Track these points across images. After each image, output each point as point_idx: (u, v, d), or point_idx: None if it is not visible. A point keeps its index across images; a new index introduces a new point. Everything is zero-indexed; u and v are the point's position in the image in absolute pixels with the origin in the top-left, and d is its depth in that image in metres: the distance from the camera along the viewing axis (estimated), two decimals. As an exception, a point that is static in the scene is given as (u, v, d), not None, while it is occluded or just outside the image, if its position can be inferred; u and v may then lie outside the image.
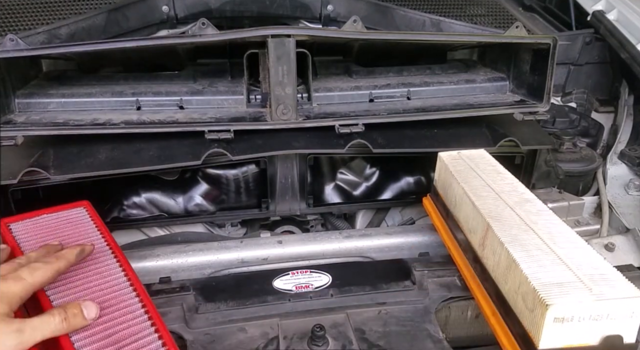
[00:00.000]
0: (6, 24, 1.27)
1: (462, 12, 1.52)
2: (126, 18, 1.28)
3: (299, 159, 1.00)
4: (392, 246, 0.94)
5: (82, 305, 0.60)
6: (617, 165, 1.16)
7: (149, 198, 1.04)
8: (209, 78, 1.03)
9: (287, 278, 0.82)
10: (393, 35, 1.05)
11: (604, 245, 0.94)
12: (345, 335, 0.70)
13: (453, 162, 0.87)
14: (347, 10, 1.39)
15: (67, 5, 1.35)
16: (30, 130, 0.88)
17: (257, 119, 0.95)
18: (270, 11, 1.37)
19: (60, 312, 0.58)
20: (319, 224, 1.17)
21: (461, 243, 0.80)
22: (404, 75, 1.09)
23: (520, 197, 0.76)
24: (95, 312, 0.61)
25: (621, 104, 1.33)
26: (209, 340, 0.70)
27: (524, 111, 0.99)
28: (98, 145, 0.92)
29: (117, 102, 0.97)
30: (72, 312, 0.59)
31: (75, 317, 0.59)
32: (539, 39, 0.98)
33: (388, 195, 1.12)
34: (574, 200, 1.03)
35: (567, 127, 1.23)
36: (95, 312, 0.61)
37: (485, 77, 1.10)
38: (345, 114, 0.97)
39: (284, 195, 1.03)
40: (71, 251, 0.66)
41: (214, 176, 1.04)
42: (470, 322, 0.80)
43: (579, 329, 0.56)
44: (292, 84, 0.91)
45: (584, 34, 1.35)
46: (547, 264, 0.61)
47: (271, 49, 0.88)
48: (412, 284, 0.79)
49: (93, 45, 0.89)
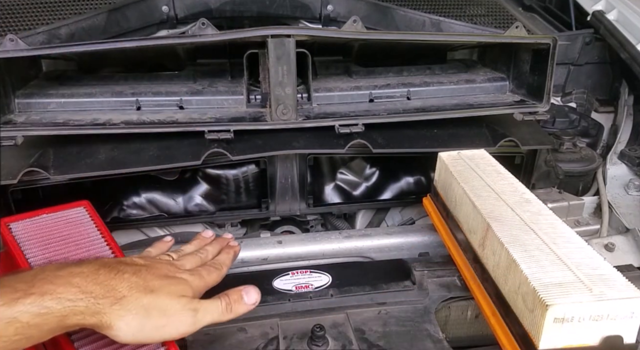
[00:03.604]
0: (6, 24, 1.27)
1: (462, 12, 1.52)
2: (126, 18, 1.28)
3: (299, 159, 1.00)
4: (392, 246, 0.94)
5: (242, 291, 0.64)
6: (617, 165, 1.16)
7: (149, 198, 1.04)
8: (209, 78, 1.03)
9: (287, 278, 0.82)
10: (393, 35, 1.05)
11: (604, 245, 0.94)
12: (345, 335, 0.70)
13: (453, 162, 0.87)
14: (347, 10, 1.39)
15: (67, 5, 1.35)
16: (30, 130, 0.88)
17: (257, 119, 0.95)
18: (270, 11, 1.37)
19: (225, 298, 0.63)
20: (318, 224, 1.17)
21: (461, 243, 0.80)
22: (404, 75, 1.09)
23: (520, 198, 0.76)
24: (256, 297, 0.65)
25: (621, 104, 1.33)
26: (209, 340, 0.70)
27: (523, 111, 0.99)
28: (98, 145, 0.92)
29: (117, 102, 0.97)
30: (234, 298, 0.63)
31: (237, 303, 0.63)
32: (539, 39, 0.98)
33: (388, 195, 1.12)
34: (574, 200, 1.03)
35: (567, 127, 1.23)
36: (256, 298, 0.65)
37: (485, 77, 1.10)
38: (345, 114, 0.97)
39: (284, 195, 1.03)
40: (229, 257, 0.74)
41: (213, 176, 1.04)
42: (470, 322, 0.80)
43: (579, 330, 0.56)
44: (292, 84, 0.91)
45: (583, 34, 1.35)
46: (547, 264, 0.61)
47: (271, 49, 0.88)
48: (412, 284, 0.79)
49: (93, 45, 0.89)
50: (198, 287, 0.64)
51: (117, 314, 0.53)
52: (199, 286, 0.64)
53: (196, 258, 0.70)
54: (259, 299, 0.66)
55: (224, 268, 0.71)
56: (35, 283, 0.51)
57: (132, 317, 0.54)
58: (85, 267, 0.55)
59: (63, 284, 0.52)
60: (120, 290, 0.55)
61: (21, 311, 0.48)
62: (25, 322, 0.48)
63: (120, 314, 0.54)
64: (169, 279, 0.61)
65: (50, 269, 0.54)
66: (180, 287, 0.61)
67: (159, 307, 0.57)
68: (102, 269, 0.56)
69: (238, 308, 0.63)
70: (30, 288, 0.50)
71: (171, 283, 0.61)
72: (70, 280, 0.53)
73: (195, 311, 0.59)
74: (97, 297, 0.53)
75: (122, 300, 0.54)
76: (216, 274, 0.68)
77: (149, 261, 0.64)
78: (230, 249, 0.76)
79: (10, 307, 0.48)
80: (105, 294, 0.54)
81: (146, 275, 0.59)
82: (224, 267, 0.71)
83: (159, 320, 0.56)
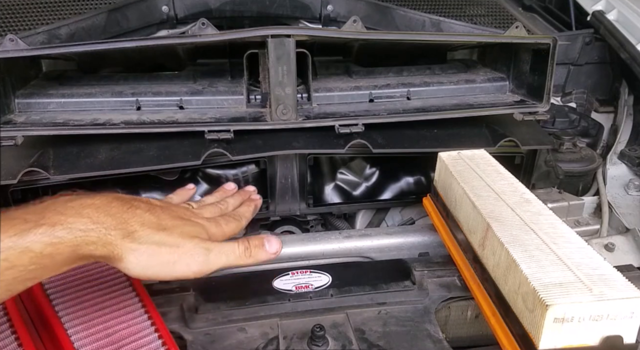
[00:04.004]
0: (6, 24, 1.27)
1: (462, 12, 1.52)
2: (126, 18, 1.28)
3: (299, 159, 1.00)
4: (392, 246, 0.93)
5: (265, 239, 0.64)
6: (617, 165, 1.16)
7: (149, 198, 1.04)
8: (208, 78, 1.03)
9: (287, 278, 0.82)
10: (393, 35, 1.05)
11: (603, 245, 0.94)
12: (345, 335, 0.70)
13: (453, 162, 0.87)
14: (347, 10, 1.39)
15: (67, 5, 1.35)
16: (30, 130, 0.88)
17: (257, 119, 0.95)
18: (270, 11, 1.37)
19: (244, 242, 0.62)
20: (318, 224, 1.17)
21: (461, 243, 0.80)
22: (404, 76, 1.09)
23: (520, 198, 0.76)
24: (277, 247, 0.64)
25: (621, 104, 1.33)
26: (209, 340, 0.70)
27: (523, 111, 0.99)
28: (98, 145, 0.92)
29: (117, 102, 0.97)
30: (254, 243, 0.62)
31: (257, 248, 0.62)
32: (539, 39, 0.98)
33: (388, 195, 1.12)
34: (574, 200, 1.03)
35: (567, 127, 1.23)
36: (277, 247, 0.64)
37: (485, 77, 1.10)
38: (345, 114, 0.97)
39: (283, 195, 1.03)
40: (249, 210, 0.74)
41: (213, 176, 1.04)
42: (470, 322, 0.80)
43: (579, 330, 0.56)
44: (292, 84, 0.91)
45: (583, 34, 1.35)
46: (547, 264, 0.61)
47: (271, 49, 0.88)
48: (412, 284, 0.79)
49: (93, 45, 0.89)
50: (214, 234, 0.63)
51: (128, 247, 0.54)
52: (215, 233, 0.64)
53: (216, 208, 0.70)
54: (281, 249, 0.65)
55: (244, 220, 0.71)
56: (45, 214, 0.51)
57: (142, 251, 0.54)
58: (98, 199, 0.56)
59: (73, 215, 0.52)
60: (132, 224, 0.55)
61: (32, 241, 0.49)
62: (39, 251, 0.49)
63: (130, 247, 0.54)
64: (184, 221, 0.61)
65: (62, 200, 0.54)
66: (194, 228, 0.61)
67: (170, 243, 0.57)
68: (115, 202, 0.56)
69: (258, 253, 0.63)
70: (40, 219, 0.50)
71: (186, 224, 0.61)
72: (81, 211, 0.53)
73: (208, 250, 0.59)
74: (108, 228, 0.53)
75: (134, 234, 0.55)
76: (235, 224, 0.68)
77: (166, 203, 0.65)
78: (252, 202, 0.76)
79: (22, 237, 0.48)
80: (116, 225, 0.54)
81: (160, 214, 0.59)
82: (244, 219, 0.71)
83: (169, 256, 0.56)
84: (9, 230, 0.48)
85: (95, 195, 0.56)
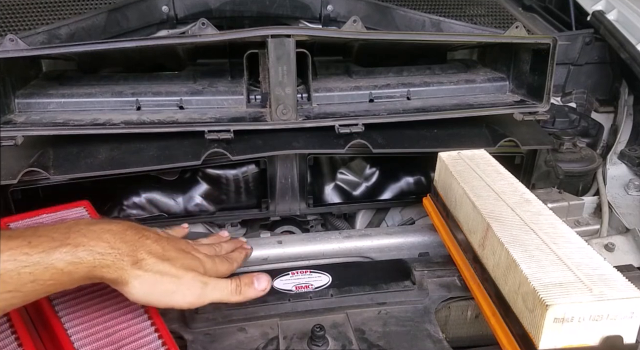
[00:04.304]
0: (6, 24, 1.27)
1: (462, 12, 1.52)
2: (126, 18, 1.28)
3: (299, 159, 1.00)
4: (392, 246, 0.93)
5: (254, 277, 0.69)
6: (617, 165, 1.16)
7: (148, 198, 1.04)
8: (208, 78, 1.03)
9: (287, 278, 0.82)
10: (393, 35, 1.05)
11: (604, 245, 0.94)
12: (345, 335, 0.70)
13: (453, 162, 0.87)
14: (347, 10, 1.39)
15: (67, 5, 1.35)
16: (30, 130, 0.88)
17: (257, 119, 0.95)
18: (270, 11, 1.37)
19: (236, 280, 0.67)
20: (318, 224, 1.17)
21: (461, 243, 0.80)
22: (404, 76, 1.09)
23: (520, 198, 0.76)
24: (266, 284, 0.69)
25: (621, 104, 1.33)
26: (209, 340, 0.70)
27: (523, 111, 0.99)
28: (98, 146, 0.92)
29: (117, 102, 0.97)
30: (245, 281, 0.67)
31: (247, 286, 0.67)
32: (539, 39, 0.98)
33: (388, 195, 1.12)
34: (574, 200, 1.03)
35: (567, 127, 1.23)
36: (266, 285, 0.69)
37: (485, 77, 1.10)
38: (345, 114, 0.97)
39: (284, 195, 1.03)
40: (240, 256, 0.78)
41: (213, 176, 1.04)
42: (470, 322, 0.80)
43: (579, 330, 0.56)
44: (292, 84, 0.91)
45: (583, 34, 1.35)
46: (547, 264, 0.61)
47: (271, 49, 0.88)
48: (412, 284, 0.79)
49: (93, 45, 0.89)
50: (209, 270, 0.67)
51: (135, 274, 0.58)
52: (210, 269, 0.67)
53: (211, 249, 0.75)
54: (269, 287, 0.69)
55: (235, 264, 0.75)
56: (70, 235, 0.56)
57: (147, 278, 0.59)
58: (115, 225, 0.60)
59: (94, 238, 0.57)
60: (142, 252, 0.60)
61: (57, 259, 0.53)
62: (60, 268, 0.53)
63: (137, 274, 0.58)
64: (185, 254, 0.66)
65: (84, 223, 0.59)
66: (194, 262, 0.65)
67: (171, 274, 0.61)
68: (130, 230, 0.61)
69: (247, 291, 0.67)
70: (66, 239, 0.55)
71: (186, 257, 0.65)
72: (102, 235, 0.57)
73: (205, 284, 0.63)
74: (122, 254, 0.58)
75: (141, 262, 0.59)
76: (227, 265, 0.72)
77: (170, 235, 0.69)
78: (244, 250, 0.81)
79: (49, 254, 0.53)
80: (129, 252, 0.58)
81: (165, 245, 0.64)
82: (235, 263, 0.75)
83: (169, 285, 0.61)
84: (38, 247, 0.53)
85: (112, 221, 0.61)
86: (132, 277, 0.58)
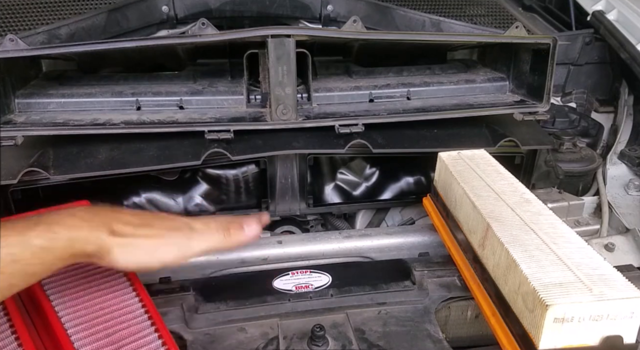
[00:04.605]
0: (6, 24, 1.27)
1: (462, 12, 1.52)
2: (126, 18, 1.28)
3: (299, 159, 1.00)
4: (392, 246, 0.93)
5: (243, 222, 0.66)
6: (617, 165, 1.16)
7: (149, 198, 1.04)
8: (208, 78, 1.03)
9: (287, 278, 0.82)
10: (393, 35, 1.05)
11: (604, 245, 0.94)
12: (345, 335, 0.70)
13: (453, 162, 0.87)
14: (347, 10, 1.39)
15: (67, 5, 1.35)
16: (30, 130, 0.88)
17: (257, 119, 0.95)
18: (270, 11, 1.37)
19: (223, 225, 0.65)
20: (318, 224, 1.17)
21: (461, 243, 0.80)
22: (404, 75, 1.09)
23: (520, 198, 0.76)
24: (256, 228, 0.67)
25: (621, 104, 1.33)
26: (209, 340, 0.70)
27: (523, 111, 0.99)
28: (98, 145, 0.92)
29: (117, 102, 0.97)
30: (234, 226, 0.66)
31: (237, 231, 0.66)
32: (539, 39, 0.98)
33: (388, 195, 1.12)
34: (574, 201, 1.03)
35: (567, 127, 1.23)
36: (256, 229, 0.67)
37: (485, 77, 1.10)
38: (345, 114, 0.97)
39: (283, 195, 1.03)
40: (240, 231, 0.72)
41: (213, 176, 1.04)
42: (470, 322, 0.80)
43: (579, 330, 0.56)
44: (292, 84, 0.91)
45: (583, 34, 1.35)
46: (547, 264, 0.61)
47: (271, 49, 0.88)
48: (412, 284, 0.79)
49: (93, 45, 0.89)
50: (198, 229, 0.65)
51: (114, 241, 0.59)
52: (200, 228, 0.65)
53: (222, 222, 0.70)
54: (260, 232, 0.67)
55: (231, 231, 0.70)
56: (44, 217, 0.58)
57: (127, 243, 0.60)
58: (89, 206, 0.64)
59: (67, 215, 0.58)
60: (117, 224, 0.60)
61: (32, 236, 0.55)
62: (38, 245, 0.55)
63: (116, 241, 0.59)
64: (170, 220, 0.65)
65: (57, 208, 0.62)
66: (177, 223, 0.65)
67: (151, 234, 0.62)
68: (103, 208, 0.63)
69: (237, 236, 0.65)
70: (39, 220, 0.57)
71: (168, 220, 0.65)
72: (75, 212, 0.59)
73: (189, 238, 0.63)
74: (96, 225, 0.59)
75: (118, 231, 0.60)
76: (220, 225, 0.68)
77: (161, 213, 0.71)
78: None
79: (23, 234, 0.54)
80: (103, 223, 0.59)
81: (143, 215, 0.65)
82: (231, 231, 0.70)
83: (151, 244, 0.61)
84: (15, 228, 0.55)
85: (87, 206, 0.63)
86: (112, 245, 0.59)
